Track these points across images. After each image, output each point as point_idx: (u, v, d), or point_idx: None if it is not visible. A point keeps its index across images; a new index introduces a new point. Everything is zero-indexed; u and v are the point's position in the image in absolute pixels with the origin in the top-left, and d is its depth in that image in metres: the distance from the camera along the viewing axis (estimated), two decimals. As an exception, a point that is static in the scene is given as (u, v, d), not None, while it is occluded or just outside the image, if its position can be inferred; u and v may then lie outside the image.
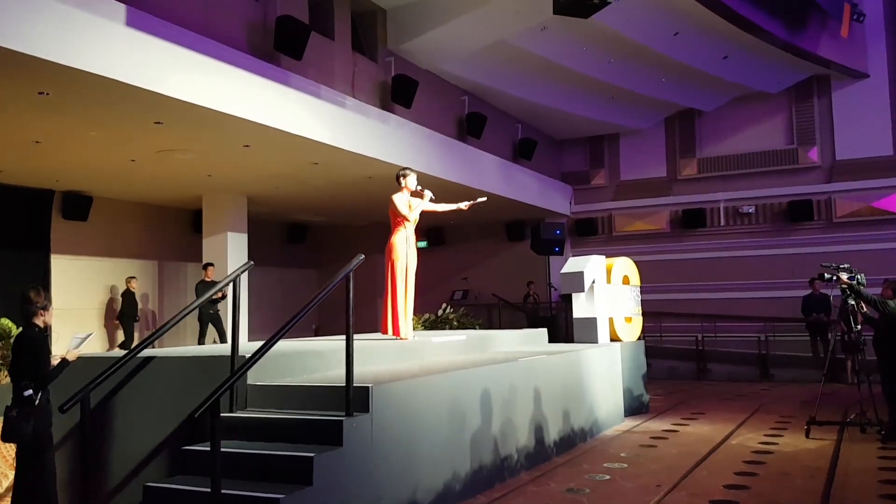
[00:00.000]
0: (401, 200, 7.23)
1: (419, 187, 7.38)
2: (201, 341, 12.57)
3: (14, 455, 4.64)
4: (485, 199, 7.96)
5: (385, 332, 7.36)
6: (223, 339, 12.31)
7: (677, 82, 15.29)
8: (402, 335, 7.23)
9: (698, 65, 14.39)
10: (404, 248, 7.25)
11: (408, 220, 7.22)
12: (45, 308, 4.84)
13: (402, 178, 7.33)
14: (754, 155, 16.48)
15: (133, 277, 13.61)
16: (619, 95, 15.48)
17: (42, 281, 12.30)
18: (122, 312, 13.28)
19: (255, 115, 8.75)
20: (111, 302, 13.77)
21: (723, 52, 14.20)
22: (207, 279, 12.59)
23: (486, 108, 14.85)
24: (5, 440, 4.53)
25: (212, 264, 12.71)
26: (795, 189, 15.97)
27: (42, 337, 4.74)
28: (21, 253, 12.16)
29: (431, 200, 7.42)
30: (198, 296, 11.09)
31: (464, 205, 7.69)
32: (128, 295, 13.37)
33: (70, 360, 4.84)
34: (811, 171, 16.04)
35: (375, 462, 4.75)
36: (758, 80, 15.58)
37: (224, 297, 11.29)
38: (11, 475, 4.98)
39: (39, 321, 4.77)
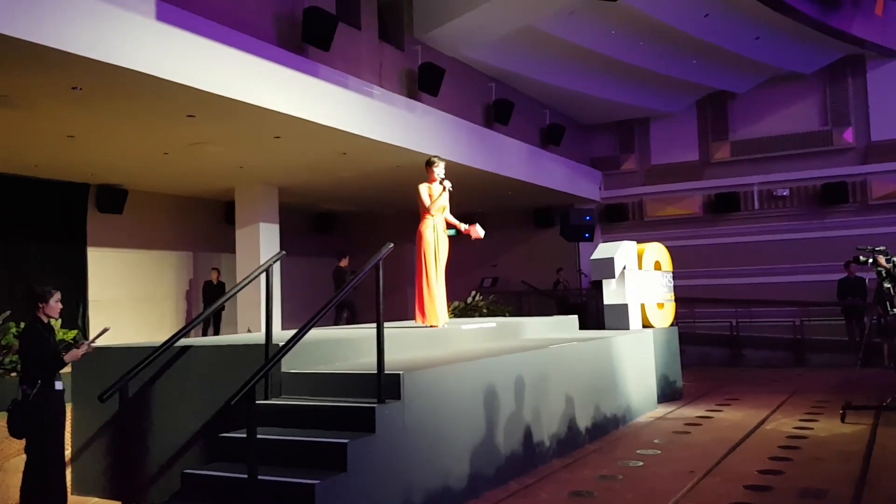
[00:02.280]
0: (424, 192, 7.23)
1: (442, 176, 7.33)
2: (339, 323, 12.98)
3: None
4: (482, 234, 7.69)
5: (417, 321, 7.39)
6: (355, 319, 12.96)
7: (708, 64, 15.08)
8: (434, 322, 7.25)
9: (729, 46, 14.18)
10: (433, 235, 7.25)
11: (430, 212, 7.20)
12: (44, 299, 4.78)
13: (429, 167, 7.32)
14: (788, 137, 16.21)
15: (215, 269, 14.09)
16: (649, 79, 15.31)
17: (79, 273, 12.56)
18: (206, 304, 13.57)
19: (285, 107, 8.82)
20: (188, 293, 14.22)
21: (754, 33, 13.97)
22: (343, 265, 13.46)
23: (513, 95, 14.79)
24: (11, 435, 4.61)
25: (346, 255, 13.72)
26: (830, 171, 15.71)
27: (35, 332, 4.72)
28: (58, 246, 12.42)
29: (450, 192, 7.31)
30: (337, 282, 13.33)
31: (463, 227, 7.54)
32: (210, 286, 13.77)
33: (67, 361, 4.80)
34: (846, 152, 15.75)
35: (408, 448, 4.80)
36: (790, 60, 15.30)
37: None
38: None
39: (42, 315, 4.77)
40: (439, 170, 7.29)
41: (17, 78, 7.16)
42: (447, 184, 7.27)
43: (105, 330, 5.06)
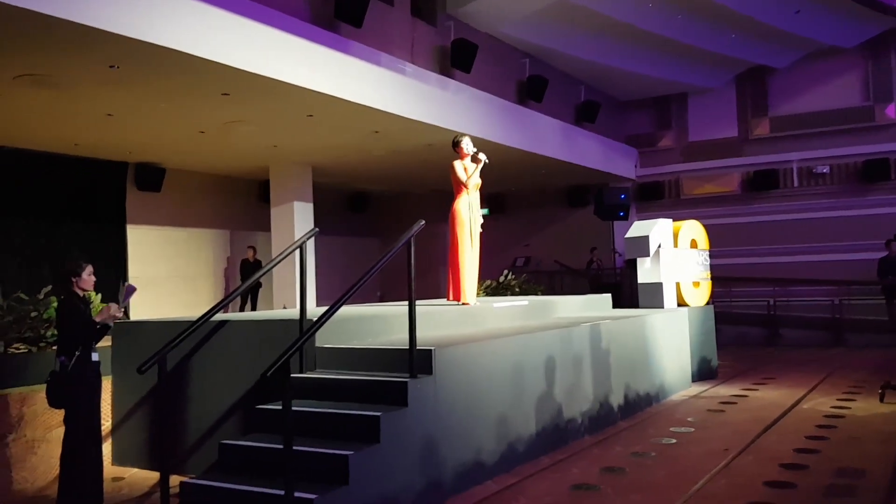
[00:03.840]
0: (459, 167, 7.20)
1: (474, 150, 7.29)
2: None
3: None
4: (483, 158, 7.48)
5: (450, 299, 7.38)
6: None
7: (748, 38, 14.74)
8: (466, 300, 7.25)
9: (769, 20, 13.84)
10: (467, 213, 7.22)
11: (466, 186, 7.16)
12: (76, 273, 4.81)
13: (457, 146, 7.27)
14: (829, 113, 15.81)
15: (251, 247, 14.37)
16: (687, 53, 15.03)
17: (119, 251, 12.81)
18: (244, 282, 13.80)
19: (317, 85, 8.84)
20: (225, 271, 14.63)
21: (795, 7, 13.62)
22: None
23: (547, 71, 14.62)
24: (49, 405, 4.73)
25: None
26: (871, 147, 15.31)
27: (70, 304, 4.77)
28: (99, 224, 12.67)
29: (486, 163, 7.26)
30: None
31: (481, 155, 7.36)
32: (247, 264, 14.07)
33: (99, 321, 4.77)
34: (888, 128, 15.33)
35: (439, 422, 4.84)
36: (832, 34, 14.89)
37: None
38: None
39: (77, 289, 4.82)
40: (467, 144, 7.23)
41: (57, 57, 7.28)
42: (482, 156, 7.21)
43: (128, 287, 5.06)
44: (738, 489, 4.87)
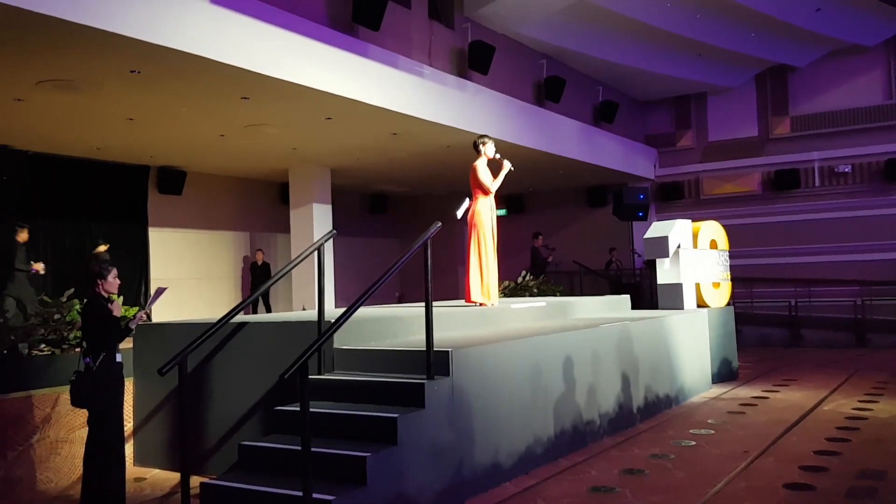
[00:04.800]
0: (484, 171, 7.18)
1: (498, 156, 7.32)
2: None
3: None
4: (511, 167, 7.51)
5: (469, 300, 7.39)
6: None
7: (767, 37, 14.62)
8: (486, 301, 7.26)
9: (789, 18, 13.71)
10: (489, 214, 7.25)
11: (490, 191, 7.20)
12: (102, 276, 4.86)
13: (480, 146, 7.29)
14: (850, 111, 15.64)
15: (259, 250, 14.49)
16: (706, 52, 14.92)
17: (141, 253, 12.96)
18: (254, 286, 13.95)
19: (336, 88, 8.89)
20: (245, 272, 14.77)
21: (815, 4, 13.49)
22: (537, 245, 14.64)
23: (564, 72, 14.60)
24: (73, 404, 4.78)
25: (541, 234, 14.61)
26: (894, 146, 15.12)
27: (96, 306, 4.83)
28: (121, 226, 12.82)
29: (511, 170, 7.30)
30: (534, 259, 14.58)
31: (506, 163, 7.39)
32: (255, 267, 14.16)
33: (132, 325, 4.93)
34: (911, 127, 15.15)
35: (457, 424, 4.85)
36: (853, 32, 14.73)
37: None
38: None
39: (101, 291, 4.87)
40: (491, 147, 7.26)
41: (79, 63, 7.38)
42: (507, 163, 7.23)
43: (160, 290, 5.15)
44: (757, 491, 4.84)
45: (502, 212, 7.59)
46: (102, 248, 10.72)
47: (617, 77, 16.10)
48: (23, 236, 9.63)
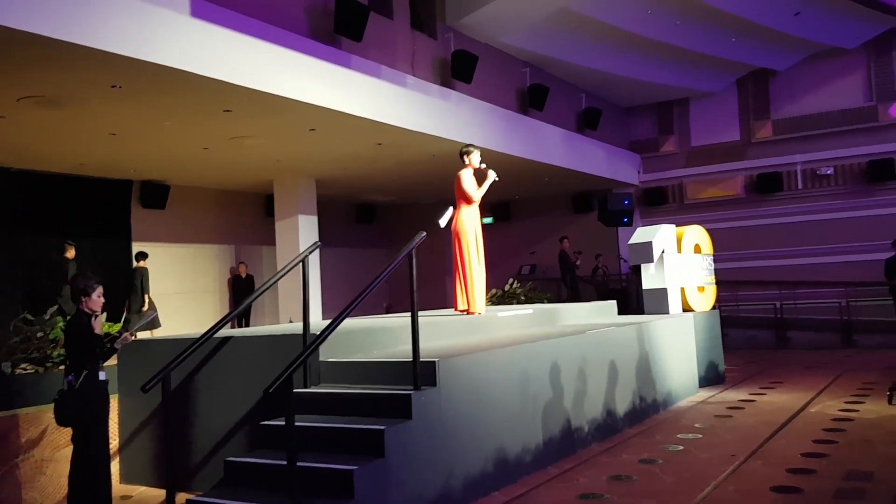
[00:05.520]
0: (469, 180, 7.19)
1: (483, 165, 7.32)
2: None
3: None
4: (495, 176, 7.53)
5: (457, 309, 7.39)
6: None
7: (748, 42, 14.75)
8: (474, 310, 7.26)
9: (769, 23, 13.85)
10: (472, 223, 7.26)
11: (473, 201, 7.21)
12: (86, 294, 4.83)
13: (465, 156, 7.30)
14: (831, 114, 15.79)
15: (242, 262, 14.49)
16: (688, 58, 15.04)
17: (125, 268, 12.86)
18: (237, 300, 13.90)
19: (319, 99, 8.88)
20: (229, 284, 14.76)
21: (794, 8, 13.63)
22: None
23: (548, 80, 14.67)
24: (58, 423, 4.74)
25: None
26: (875, 148, 15.27)
27: (79, 324, 4.80)
28: (104, 242, 12.72)
29: (496, 180, 7.31)
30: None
31: (491, 172, 7.39)
32: (238, 279, 14.15)
33: (117, 347, 4.86)
34: (892, 128, 15.29)
35: (445, 434, 4.84)
36: (833, 35, 14.90)
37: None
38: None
39: (85, 308, 4.84)
40: (477, 157, 7.28)
41: (61, 79, 7.33)
42: (492, 173, 7.24)
43: (151, 316, 5.15)
44: (746, 494, 4.86)
45: (489, 219, 7.59)
46: (71, 252, 10.63)
47: (600, 84, 16.19)
48: (71, 253, 10.41)
